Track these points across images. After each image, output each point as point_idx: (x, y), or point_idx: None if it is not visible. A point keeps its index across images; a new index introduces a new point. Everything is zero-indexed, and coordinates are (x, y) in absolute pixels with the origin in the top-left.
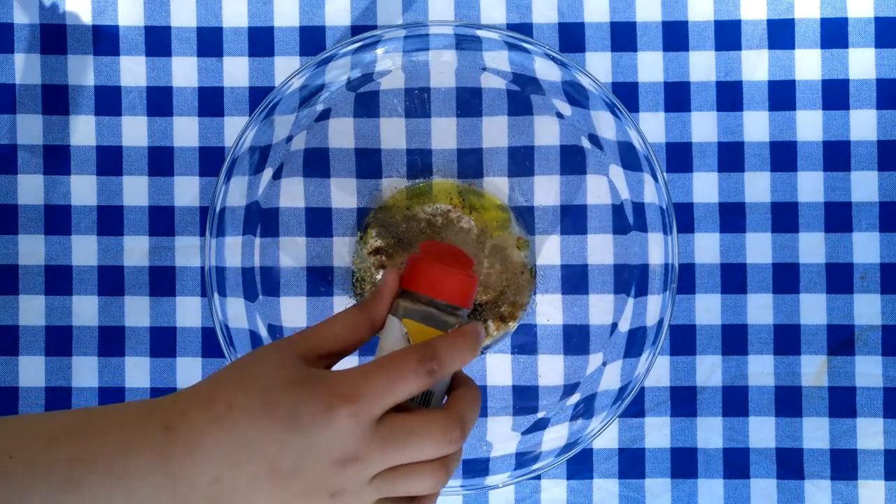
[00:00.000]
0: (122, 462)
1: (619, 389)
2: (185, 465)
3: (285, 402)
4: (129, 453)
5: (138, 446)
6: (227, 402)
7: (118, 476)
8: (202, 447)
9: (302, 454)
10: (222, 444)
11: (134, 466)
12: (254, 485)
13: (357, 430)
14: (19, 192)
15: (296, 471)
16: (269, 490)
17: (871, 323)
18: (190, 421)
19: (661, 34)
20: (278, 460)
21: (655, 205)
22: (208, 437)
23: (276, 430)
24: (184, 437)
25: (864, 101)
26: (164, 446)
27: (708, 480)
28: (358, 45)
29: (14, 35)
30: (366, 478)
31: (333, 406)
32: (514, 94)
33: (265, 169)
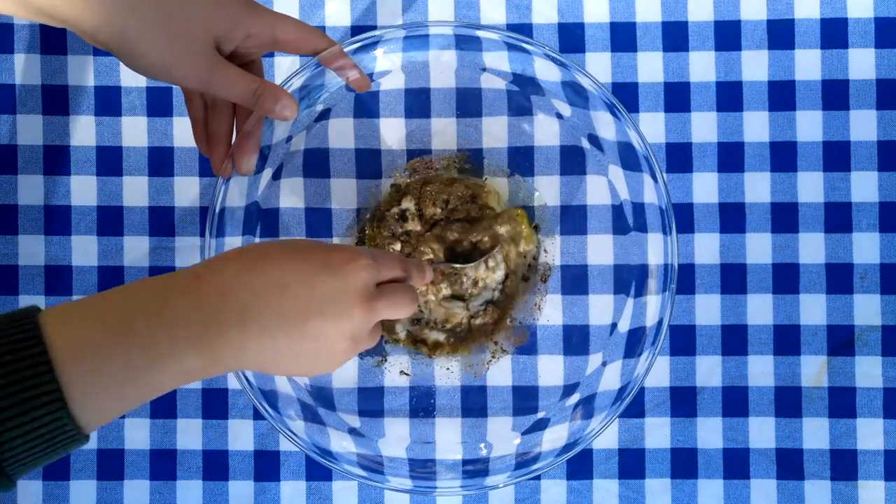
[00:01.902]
0: (158, 304)
1: (619, 390)
2: (212, 303)
3: (318, 253)
4: (164, 299)
5: (171, 292)
6: (261, 252)
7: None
8: (230, 289)
9: (332, 293)
10: (253, 285)
11: (170, 309)
12: (281, 324)
13: (368, 280)
14: (19, 192)
15: (321, 311)
16: (293, 331)
17: (871, 323)
18: (221, 268)
19: (661, 34)
20: (308, 299)
21: (655, 205)
22: (240, 279)
23: (309, 271)
24: (213, 279)
25: (864, 101)
26: (194, 291)
27: (708, 481)
28: (358, 45)
29: (14, 35)
30: (369, 324)
31: (357, 257)
32: (514, 95)
33: (265, 169)
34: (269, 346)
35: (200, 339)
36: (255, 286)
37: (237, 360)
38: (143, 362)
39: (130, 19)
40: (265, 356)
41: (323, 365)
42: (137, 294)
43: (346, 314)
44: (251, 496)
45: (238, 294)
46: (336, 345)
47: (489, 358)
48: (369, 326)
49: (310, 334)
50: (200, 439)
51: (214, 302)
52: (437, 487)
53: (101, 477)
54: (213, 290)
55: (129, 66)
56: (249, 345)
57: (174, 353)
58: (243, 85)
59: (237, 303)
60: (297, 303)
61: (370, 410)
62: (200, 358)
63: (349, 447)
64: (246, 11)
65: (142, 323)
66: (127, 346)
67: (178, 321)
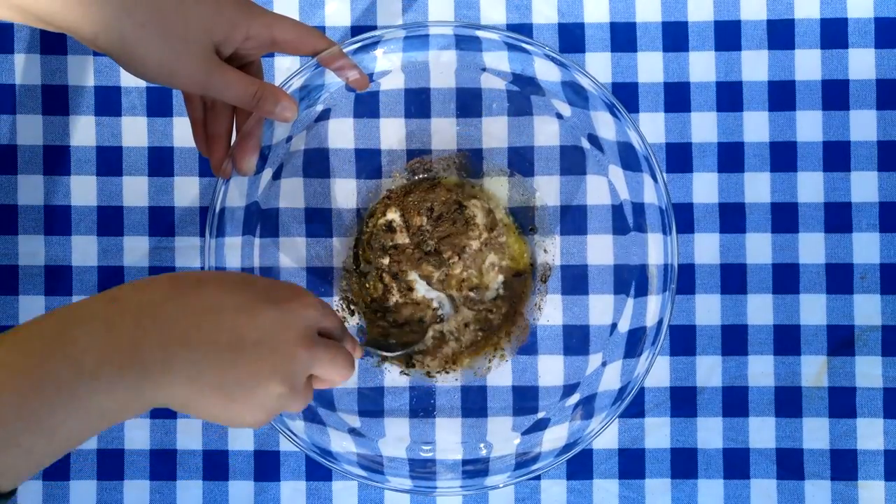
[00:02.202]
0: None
1: (619, 390)
2: (130, 328)
3: (261, 284)
4: (68, 328)
5: (77, 320)
6: (196, 278)
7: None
8: (153, 313)
9: (273, 325)
10: (183, 309)
11: (74, 338)
12: (212, 352)
13: (312, 322)
14: (19, 192)
15: (259, 342)
16: (225, 362)
17: (871, 323)
18: (146, 290)
19: (661, 34)
20: (244, 332)
21: (655, 205)
22: (169, 302)
23: (251, 299)
24: (133, 302)
25: (864, 101)
26: (108, 315)
27: (708, 481)
28: (358, 45)
29: (14, 35)
30: (307, 372)
31: (304, 295)
32: (514, 95)
33: (265, 169)
34: (197, 378)
35: (112, 373)
36: (186, 310)
37: (156, 397)
38: (43, 406)
39: (128, 25)
40: (190, 392)
41: (253, 409)
42: (37, 329)
43: (286, 352)
44: (251, 496)
45: (163, 318)
46: (270, 385)
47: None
48: (306, 374)
49: (245, 368)
50: (200, 439)
51: (131, 328)
52: (437, 487)
53: (101, 477)
54: (131, 314)
55: (129, 70)
56: (173, 378)
57: (80, 391)
58: (243, 88)
59: (161, 328)
60: (234, 331)
61: (370, 410)
62: (112, 395)
63: (349, 447)
64: (244, 13)
65: (38, 360)
66: (21, 390)
67: (85, 352)
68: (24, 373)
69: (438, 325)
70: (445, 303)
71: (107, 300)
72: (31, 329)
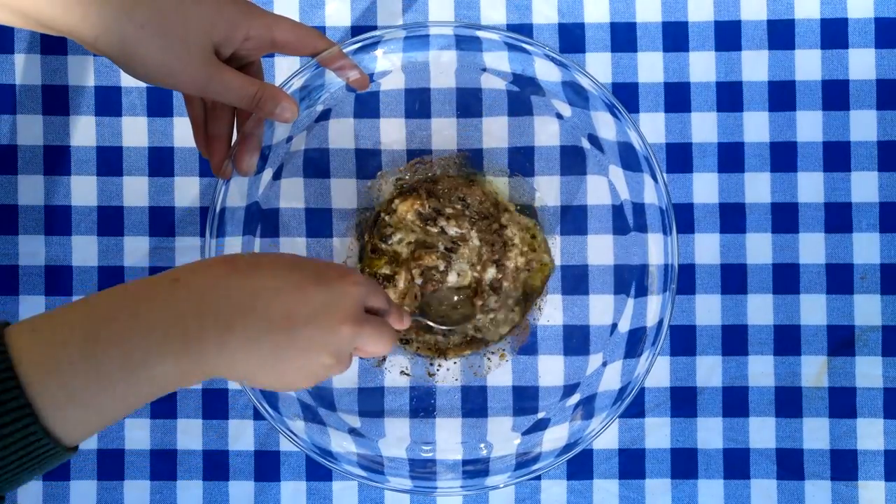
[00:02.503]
0: (129, 310)
1: (619, 390)
2: (192, 306)
3: (311, 265)
4: (137, 303)
5: (146, 296)
6: (253, 261)
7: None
8: (213, 293)
9: (323, 304)
10: (241, 289)
11: (144, 313)
12: (269, 329)
13: (359, 300)
14: (19, 192)
15: (310, 320)
16: (281, 339)
17: (871, 323)
18: (205, 271)
19: (661, 35)
20: (299, 307)
21: (655, 205)
22: (222, 284)
23: (302, 280)
24: (194, 282)
25: (864, 101)
26: (172, 294)
27: (708, 481)
28: (358, 45)
29: (14, 35)
30: (352, 346)
31: (351, 274)
32: (514, 95)
33: (265, 169)
34: (254, 352)
35: (177, 344)
36: (243, 290)
37: (217, 368)
38: (116, 372)
39: (128, 28)
40: (248, 364)
41: (303, 378)
42: (108, 301)
43: (335, 328)
44: (251, 496)
45: (223, 297)
46: (320, 358)
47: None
48: (352, 347)
49: (298, 343)
50: (200, 439)
51: (195, 305)
52: (438, 487)
53: (101, 477)
54: (193, 294)
55: (129, 73)
56: (232, 351)
57: (148, 360)
58: (242, 89)
59: (221, 306)
60: (287, 309)
61: (370, 410)
62: (178, 365)
63: (349, 447)
64: (244, 14)
65: (112, 331)
66: (98, 356)
67: (153, 327)
68: (98, 340)
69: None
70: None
71: (169, 280)
72: (101, 301)
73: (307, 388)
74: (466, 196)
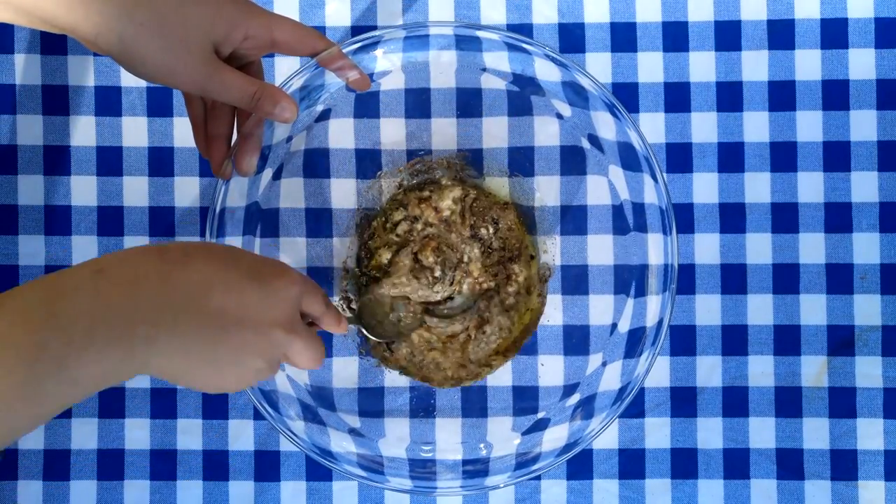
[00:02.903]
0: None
1: (619, 390)
2: (118, 300)
3: (247, 260)
4: (56, 300)
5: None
6: (185, 252)
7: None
8: (141, 286)
9: (257, 304)
10: (171, 283)
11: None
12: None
13: (294, 302)
14: (19, 192)
15: (243, 320)
16: (214, 337)
17: (871, 323)
18: (133, 262)
19: (661, 35)
20: (229, 308)
21: (655, 205)
22: (152, 276)
23: (237, 277)
24: (121, 273)
25: (864, 101)
26: (95, 287)
27: (708, 481)
28: (358, 45)
29: (14, 35)
30: (281, 352)
31: (288, 272)
32: (514, 95)
33: (265, 169)
34: (185, 350)
35: (100, 344)
36: (173, 284)
37: (145, 366)
38: (31, 377)
39: (128, 26)
40: (178, 363)
41: (235, 381)
42: (22, 298)
43: (268, 331)
44: (251, 496)
45: (151, 291)
46: (253, 361)
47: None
48: (282, 354)
49: (230, 343)
50: (200, 439)
51: (121, 300)
52: (438, 487)
53: (101, 477)
54: (118, 287)
55: (129, 71)
56: (161, 349)
57: (69, 362)
58: (242, 89)
59: (150, 301)
60: (220, 306)
61: (370, 410)
62: (102, 364)
63: (349, 447)
64: (243, 14)
65: (27, 331)
66: (7, 362)
67: (74, 325)
68: (10, 344)
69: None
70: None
71: (92, 271)
72: (16, 298)
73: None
74: (500, 219)
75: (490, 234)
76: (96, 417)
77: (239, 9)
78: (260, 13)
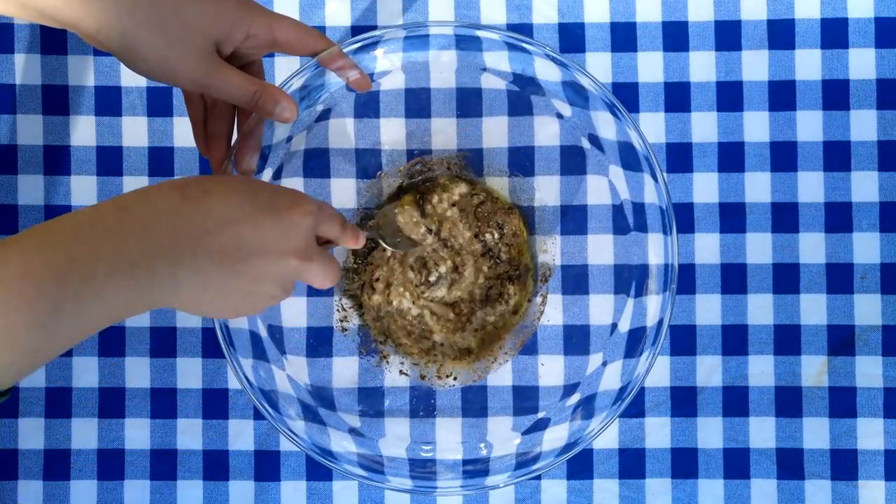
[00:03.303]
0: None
1: (620, 390)
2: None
3: (264, 193)
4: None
5: (88, 228)
6: (201, 188)
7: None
8: (162, 222)
9: (274, 234)
10: (190, 218)
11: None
12: (221, 259)
13: (310, 230)
14: (19, 192)
15: (260, 251)
16: (231, 269)
17: (871, 323)
18: (155, 198)
19: (661, 34)
20: (246, 240)
21: (655, 205)
22: (173, 212)
23: (254, 210)
24: (143, 210)
25: (864, 101)
26: (118, 223)
27: (708, 481)
28: (358, 45)
29: (14, 35)
30: (298, 277)
31: (303, 202)
32: (514, 95)
33: (265, 169)
34: (203, 283)
35: (123, 276)
36: (192, 219)
37: (164, 298)
38: (48, 309)
39: (129, 23)
40: (195, 294)
41: (249, 307)
42: (49, 232)
43: (283, 260)
44: (251, 496)
45: (172, 226)
46: (268, 288)
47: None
48: (298, 278)
49: (247, 274)
50: (200, 439)
51: (143, 235)
52: (438, 487)
53: (101, 477)
54: (140, 223)
55: (130, 67)
56: (180, 282)
57: (87, 296)
58: (242, 88)
59: (170, 236)
60: (237, 240)
61: (370, 410)
62: (122, 296)
63: (349, 447)
64: (245, 13)
65: (52, 264)
66: (36, 294)
67: (96, 260)
68: (31, 276)
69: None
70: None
71: (116, 208)
72: (38, 235)
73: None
74: (504, 224)
75: (496, 240)
76: (96, 417)
77: (240, 8)
78: (261, 12)
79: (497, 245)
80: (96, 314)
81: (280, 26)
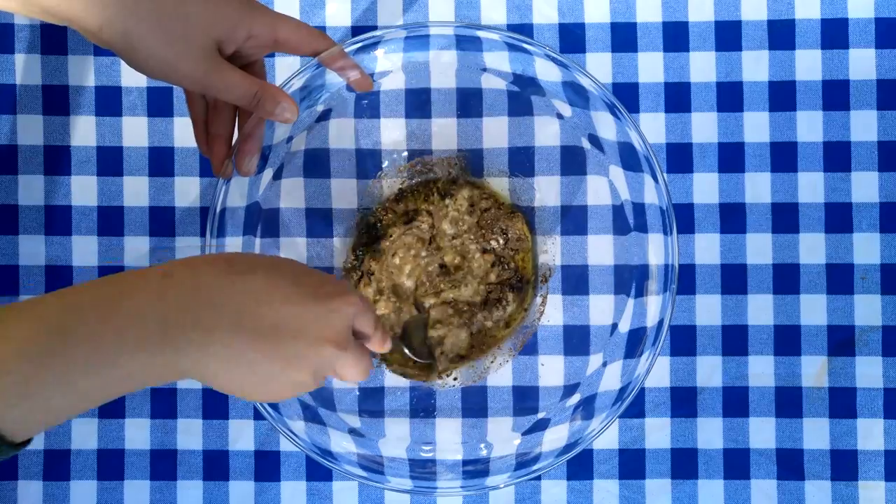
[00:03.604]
0: (109, 304)
1: (620, 390)
2: (178, 301)
3: (309, 278)
4: (121, 297)
5: (130, 290)
6: (249, 265)
7: (109, 320)
8: (203, 294)
9: (313, 321)
10: (231, 293)
11: (126, 308)
12: (255, 336)
13: (349, 321)
14: (19, 192)
15: (297, 335)
16: (266, 348)
17: (871, 324)
18: (200, 267)
19: (661, 35)
20: (286, 322)
21: (655, 205)
22: (214, 285)
23: (298, 292)
24: (186, 278)
25: (864, 101)
26: (161, 289)
27: (708, 481)
28: (358, 45)
29: (14, 35)
30: (331, 368)
31: (346, 293)
32: (515, 95)
33: (265, 169)
34: (233, 360)
35: (154, 344)
36: (233, 294)
37: (190, 371)
38: (80, 369)
39: (131, 21)
40: (223, 371)
41: (276, 391)
42: (88, 293)
43: (319, 346)
44: (251, 496)
45: (213, 302)
46: (299, 375)
47: (492, 360)
48: (329, 368)
49: (279, 357)
50: (201, 439)
51: (182, 305)
52: (438, 488)
53: (101, 477)
54: (182, 292)
55: (132, 66)
56: (211, 357)
57: (119, 359)
58: (243, 88)
59: (208, 309)
60: (276, 321)
61: (370, 410)
62: (151, 366)
63: (349, 447)
64: (246, 13)
65: (86, 325)
66: (63, 353)
67: (130, 323)
68: (67, 335)
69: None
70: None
71: (161, 275)
72: (80, 293)
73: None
74: (508, 229)
75: (501, 246)
76: (96, 417)
77: (242, 7)
78: (263, 12)
79: (504, 250)
80: (125, 379)
81: (282, 26)
